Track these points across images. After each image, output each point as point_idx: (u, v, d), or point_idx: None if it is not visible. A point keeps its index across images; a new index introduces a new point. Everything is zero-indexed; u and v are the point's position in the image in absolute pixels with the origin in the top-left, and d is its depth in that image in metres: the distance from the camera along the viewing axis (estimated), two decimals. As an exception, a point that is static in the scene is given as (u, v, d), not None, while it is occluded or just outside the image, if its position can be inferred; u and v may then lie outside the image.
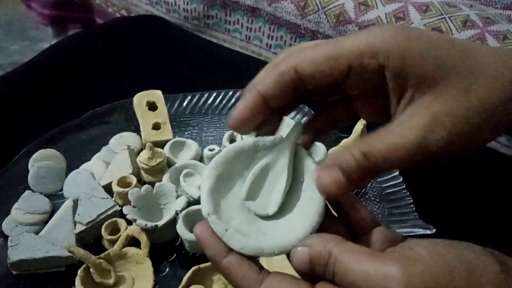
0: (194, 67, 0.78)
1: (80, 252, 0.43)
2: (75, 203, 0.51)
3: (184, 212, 0.49)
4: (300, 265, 0.24)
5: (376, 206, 0.55)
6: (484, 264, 0.21)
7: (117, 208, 0.51)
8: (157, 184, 0.52)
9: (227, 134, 0.60)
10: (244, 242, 0.25)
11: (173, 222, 0.49)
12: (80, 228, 0.49)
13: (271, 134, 0.28)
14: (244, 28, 0.91)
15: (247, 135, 0.29)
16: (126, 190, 0.51)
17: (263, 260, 0.44)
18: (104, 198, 0.51)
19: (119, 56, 0.80)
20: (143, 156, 0.54)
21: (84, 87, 0.73)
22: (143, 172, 0.55)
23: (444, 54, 0.24)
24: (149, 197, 0.50)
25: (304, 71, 0.25)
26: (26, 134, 0.59)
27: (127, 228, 0.49)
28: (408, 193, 0.55)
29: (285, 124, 0.29)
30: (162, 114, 0.61)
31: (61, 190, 0.55)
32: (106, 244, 0.50)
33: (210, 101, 0.67)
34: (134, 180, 0.52)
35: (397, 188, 0.55)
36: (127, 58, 0.80)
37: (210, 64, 0.79)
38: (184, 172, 0.54)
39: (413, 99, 0.25)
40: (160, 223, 0.48)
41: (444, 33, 0.73)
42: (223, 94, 0.68)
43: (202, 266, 0.45)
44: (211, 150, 0.58)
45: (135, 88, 0.64)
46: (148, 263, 0.47)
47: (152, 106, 0.62)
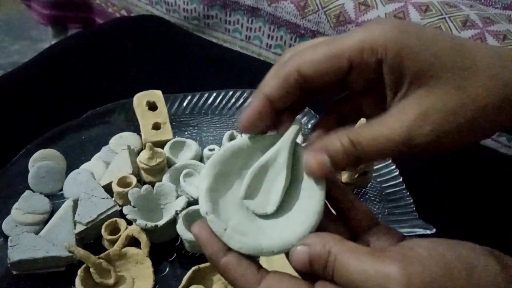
0: (194, 67, 0.78)
1: (80, 252, 0.43)
2: (75, 203, 0.51)
3: (184, 212, 0.49)
4: (299, 264, 0.24)
5: (376, 206, 0.55)
6: (484, 263, 0.21)
7: (117, 208, 0.51)
8: (157, 184, 0.52)
9: (227, 134, 0.60)
10: (243, 241, 0.25)
11: (173, 222, 0.49)
12: (80, 228, 0.49)
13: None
14: (244, 28, 0.91)
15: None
16: (126, 190, 0.51)
17: (263, 260, 0.44)
18: (104, 198, 0.51)
19: (119, 56, 0.80)
20: (143, 156, 0.54)
21: (84, 87, 0.73)
22: (143, 172, 0.55)
23: (441, 50, 0.24)
24: (149, 197, 0.50)
25: (307, 72, 0.25)
26: (26, 134, 0.59)
27: (127, 228, 0.49)
28: (408, 193, 0.55)
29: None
30: (162, 114, 0.61)
31: (61, 190, 0.55)
32: (106, 244, 0.50)
33: (210, 101, 0.67)
34: (134, 180, 0.52)
35: (397, 188, 0.56)
36: (127, 58, 0.80)
37: (210, 64, 0.79)
38: (184, 172, 0.54)
39: (407, 93, 0.25)
40: (160, 223, 0.48)
41: (444, 33, 0.73)
42: (223, 94, 0.68)
43: (202, 266, 0.45)
44: (211, 150, 0.58)
45: (135, 88, 0.64)
46: (148, 263, 0.47)
47: (152, 106, 0.62)
